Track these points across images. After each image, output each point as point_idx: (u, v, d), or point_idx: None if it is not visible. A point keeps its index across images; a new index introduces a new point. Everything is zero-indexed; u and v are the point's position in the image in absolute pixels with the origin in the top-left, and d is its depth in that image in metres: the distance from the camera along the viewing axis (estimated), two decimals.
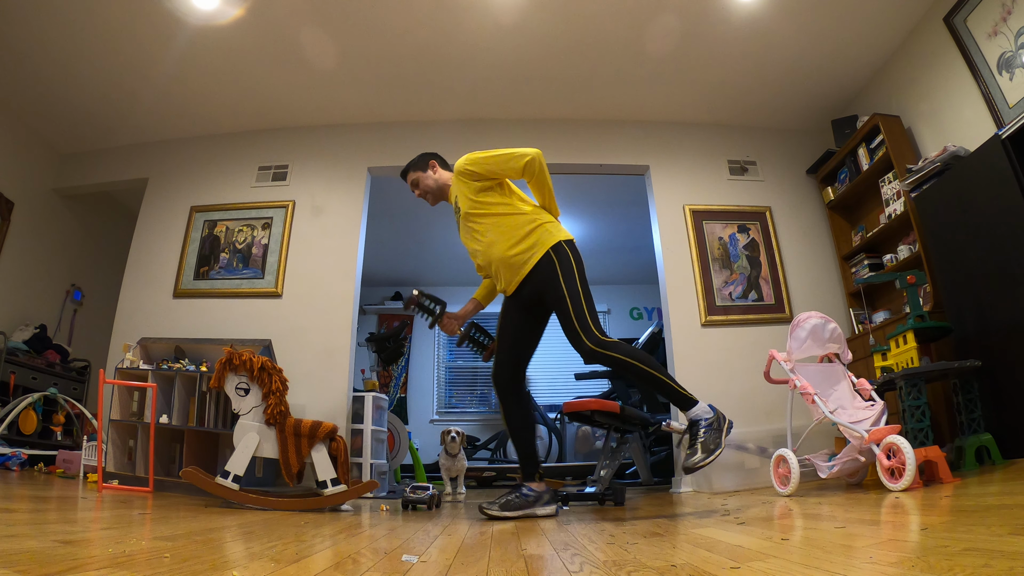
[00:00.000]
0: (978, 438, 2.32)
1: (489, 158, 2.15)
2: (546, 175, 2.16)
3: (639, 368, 1.95)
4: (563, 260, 2.10)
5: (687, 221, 4.03)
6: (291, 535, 1.50)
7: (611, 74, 3.88)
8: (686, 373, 3.69)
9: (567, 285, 2.05)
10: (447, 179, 2.38)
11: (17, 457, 3.31)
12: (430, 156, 2.43)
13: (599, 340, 1.99)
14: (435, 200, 2.43)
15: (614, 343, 2.00)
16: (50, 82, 3.84)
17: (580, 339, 2.00)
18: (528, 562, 1.09)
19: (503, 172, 2.16)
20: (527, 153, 2.11)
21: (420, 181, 2.40)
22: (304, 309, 3.81)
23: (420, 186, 2.39)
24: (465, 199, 2.22)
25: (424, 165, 2.40)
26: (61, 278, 4.63)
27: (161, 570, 0.91)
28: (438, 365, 7.07)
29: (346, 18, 3.37)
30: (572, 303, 2.03)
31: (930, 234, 3.00)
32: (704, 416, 1.92)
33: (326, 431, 2.55)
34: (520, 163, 2.11)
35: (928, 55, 3.37)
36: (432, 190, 2.39)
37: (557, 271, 2.08)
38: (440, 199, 2.42)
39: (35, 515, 1.61)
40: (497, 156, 2.14)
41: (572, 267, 2.09)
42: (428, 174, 2.40)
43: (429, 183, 2.39)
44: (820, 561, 0.89)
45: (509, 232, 2.15)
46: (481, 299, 2.50)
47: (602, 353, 1.98)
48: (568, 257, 2.11)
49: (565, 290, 2.05)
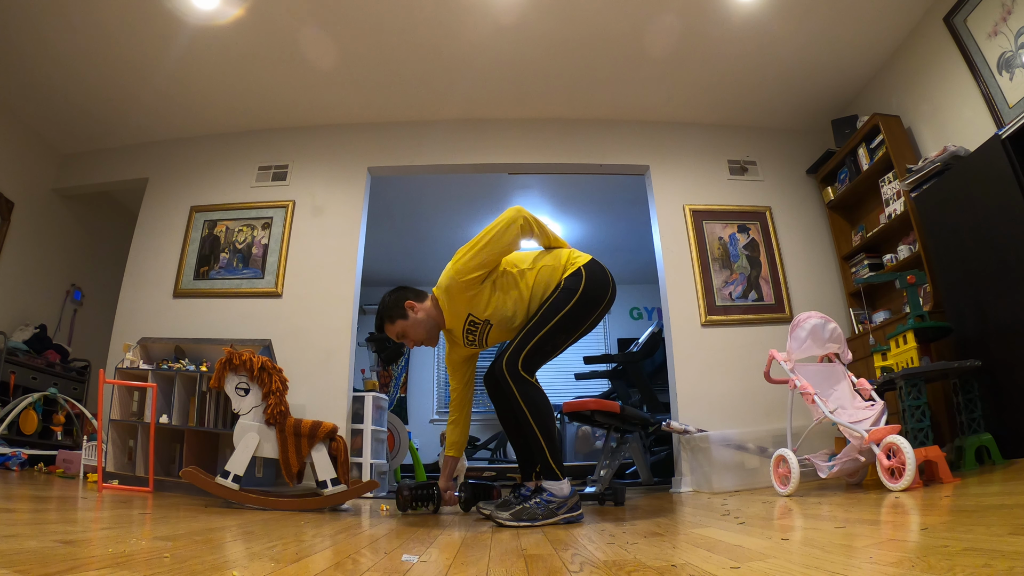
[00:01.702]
0: (978, 438, 2.32)
1: (478, 250, 1.90)
2: (539, 223, 2.00)
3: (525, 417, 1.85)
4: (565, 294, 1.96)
5: (687, 221, 4.03)
6: (291, 535, 1.50)
7: (611, 74, 3.88)
8: (686, 373, 3.69)
9: (547, 307, 1.95)
10: (434, 311, 2.04)
11: (17, 457, 3.31)
12: (400, 298, 2.05)
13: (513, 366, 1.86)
14: (434, 341, 2.11)
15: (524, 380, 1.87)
16: (50, 82, 3.84)
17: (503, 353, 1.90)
18: (528, 562, 1.09)
19: (508, 246, 1.93)
20: (509, 218, 1.92)
21: (408, 332, 2.04)
22: (304, 309, 3.81)
23: (411, 337, 2.05)
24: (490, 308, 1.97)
25: (401, 312, 2.03)
26: (61, 278, 4.63)
27: (161, 570, 0.91)
28: (438, 365, 7.07)
29: (346, 18, 3.38)
30: (531, 324, 1.92)
31: (930, 234, 3.00)
32: (552, 494, 1.81)
33: (326, 431, 2.55)
34: (516, 230, 1.91)
35: (928, 55, 3.37)
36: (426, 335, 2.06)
37: (551, 296, 1.97)
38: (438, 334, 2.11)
39: (35, 515, 1.61)
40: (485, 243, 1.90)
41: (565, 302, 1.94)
42: (413, 319, 2.03)
43: (419, 330, 2.04)
44: (820, 561, 0.89)
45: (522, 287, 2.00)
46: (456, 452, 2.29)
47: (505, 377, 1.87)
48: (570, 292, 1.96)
49: (541, 309, 1.95)
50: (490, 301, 1.96)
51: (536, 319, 1.94)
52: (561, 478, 1.86)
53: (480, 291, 1.94)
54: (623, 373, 5.05)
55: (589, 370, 5.43)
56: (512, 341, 1.94)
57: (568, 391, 6.32)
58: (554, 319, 1.94)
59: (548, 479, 1.86)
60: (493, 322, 2.00)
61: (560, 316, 1.94)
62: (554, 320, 1.94)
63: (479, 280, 1.92)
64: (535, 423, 1.86)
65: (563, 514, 1.82)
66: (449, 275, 1.93)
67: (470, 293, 1.93)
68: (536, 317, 1.95)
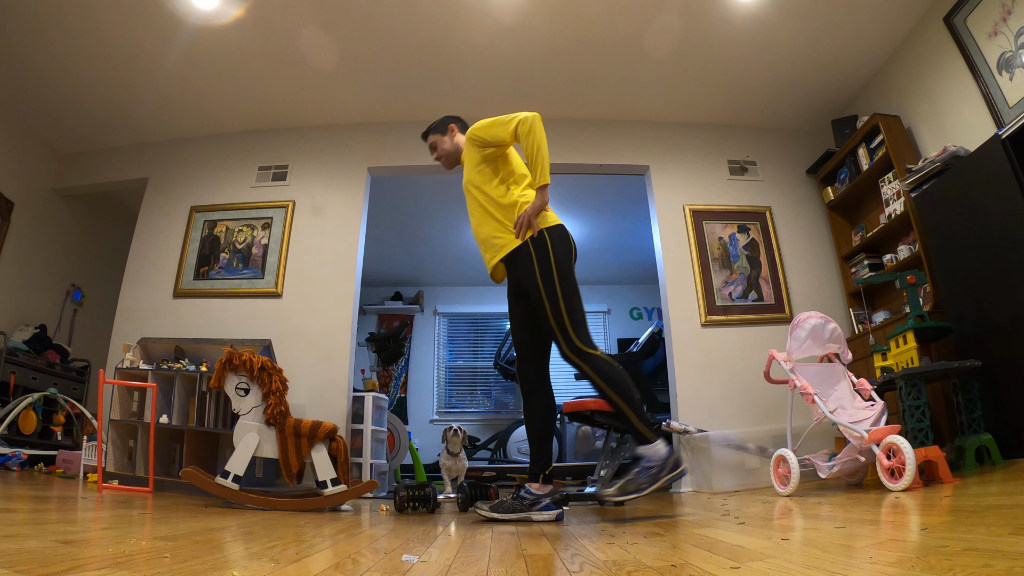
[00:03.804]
0: (978, 438, 2.32)
1: (490, 123, 2.13)
2: (537, 138, 2.03)
3: (603, 390, 1.93)
4: (541, 253, 2.01)
5: (687, 221, 4.04)
6: (291, 535, 1.50)
7: (611, 74, 3.88)
8: (686, 373, 3.69)
9: (544, 283, 1.98)
10: (463, 143, 2.34)
11: (17, 457, 3.31)
12: (450, 120, 2.40)
13: (574, 346, 1.94)
14: (451, 165, 2.40)
15: (590, 355, 1.93)
16: (50, 82, 3.84)
17: (557, 342, 1.97)
18: (528, 562, 1.09)
19: (501, 137, 2.10)
20: (519, 115, 2.07)
21: (438, 144, 2.38)
22: (304, 309, 3.81)
23: (438, 149, 2.38)
24: (470, 167, 2.21)
25: (444, 128, 2.38)
26: (61, 278, 4.63)
27: (161, 570, 0.91)
28: (438, 365, 7.07)
29: (346, 18, 3.38)
30: (549, 304, 1.97)
31: (930, 234, 3.00)
32: (650, 459, 1.87)
33: (326, 431, 2.55)
34: (512, 125, 2.07)
35: (928, 55, 3.37)
36: (448, 153, 2.37)
37: (534, 266, 2.00)
38: (455, 163, 2.39)
39: (35, 515, 1.61)
40: (496, 120, 2.12)
41: (550, 262, 1.99)
42: (446, 138, 2.37)
43: (446, 146, 2.36)
44: (820, 561, 0.89)
45: (495, 213, 2.11)
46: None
47: (573, 361, 1.94)
48: (546, 248, 2.01)
49: (542, 289, 1.98)
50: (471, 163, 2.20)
51: (547, 298, 1.98)
52: (654, 439, 1.91)
53: (473, 154, 2.19)
54: None
55: None
56: (552, 331, 1.98)
57: (568, 391, 6.33)
58: (558, 283, 1.99)
59: (642, 444, 1.91)
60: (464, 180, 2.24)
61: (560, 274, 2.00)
62: (559, 283, 1.99)
63: (477, 145, 2.17)
64: (613, 394, 1.92)
65: (666, 476, 1.88)
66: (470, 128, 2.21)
67: (469, 149, 2.21)
68: (544, 296, 1.99)
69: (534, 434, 2.10)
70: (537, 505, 1.98)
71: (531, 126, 2.04)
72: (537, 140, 2.03)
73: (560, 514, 1.98)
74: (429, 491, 2.42)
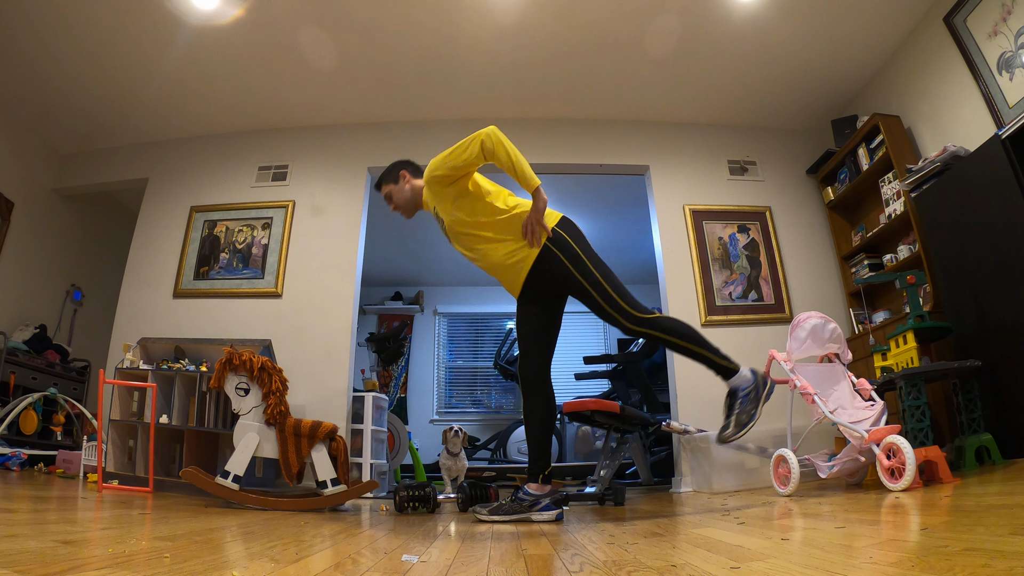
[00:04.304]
0: (978, 438, 2.32)
1: (449, 155, 2.02)
2: (507, 147, 1.96)
3: (676, 344, 1.97)
4: (564, 247, 2.00)
5: (687, 221, 4.03)
6: (291, 535, 1.50)
7: (611, 74, 3.88)
8: (686, 373, 3.69)
9: (583, 275, 1.98)
10: (419, 189, 2.25)
11: (17, 457, 3.31)
12: (401, 166, 2.29)
13: (635, 318, 1.95)
14: (411, 213, 2.30)
15: (652, 320, 1.96)
16: (50, 82, 3.84)
17: (617, 322, 1.97)
18: (528, 562, 1.09)
19: (468, 161, 1.99)
20: (478, 135, 1.97)
21: (393, 195, 2.27)
22: (304, 309, 3.81)
23: (393, 200, 2.27)
24: (446, 212, 2.11)
25: (395, 176, 2.26)
26: (61, 278, 4.63)
27: (161, 570, 0.91)
28: (438, 365, 7.07)
29: (346, 18, 3.38)
30: (596, 292, 1.97)
31: (930, 234, 3.00)
32: (743, 386, 1.93)
33: (326, 431, 2.55)
34: (475, 146, 1.96)
35: (928, 55, 3.37)
36: (404, 205, 2.26)
37: (565, 264, 1.99)
38: (415, 211, 2.30)
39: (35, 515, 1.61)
40: (455, 149, 2.01)
41: (576, 251, 2.00)
42: (400, 187, 2.26)
43: (403, 195, 2.25)
44: (820, 561, 0.89)
45: (498, 235, 2.05)
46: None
47: (640, 332, 1.96)
48: (567, 242, 2.01)
49: (584, 281, 1.98)
50: (447, 204, 2.11)
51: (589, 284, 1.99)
52: (738, 368, 1.95)
53: (444, 193, 2.09)
54: (623, 373, 5.05)
55: (589, 370, 5.42)
56: (608, 314, 1.99)
57: (568, 391, 6.32)
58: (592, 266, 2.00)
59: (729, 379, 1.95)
60: (445, 222, 2.15)
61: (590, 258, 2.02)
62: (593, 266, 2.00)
63: (444, 183, 2.06)
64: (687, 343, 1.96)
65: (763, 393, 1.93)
66: (427, 171, 2.10)
67: (436, 190, 2.10)
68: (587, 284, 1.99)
69: (533, 434, 2.09)
70: (537, 506, 1.98)
71: (497, 138, 1.96)
72: (507, 149, 1.96)
73: (560, 514, 1.98)
74: (429, 491, 2.42)
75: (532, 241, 2.01)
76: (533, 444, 2.09)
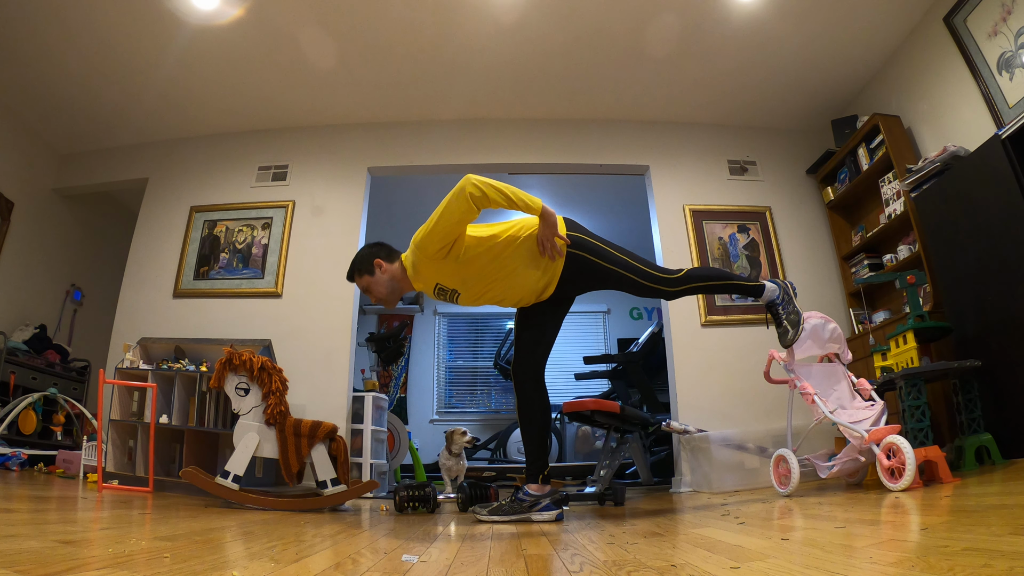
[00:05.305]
0: (978, 438, 2.32)
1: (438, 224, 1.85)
2: (495, 187, 1.82)
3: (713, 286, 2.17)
4: (585, 246, 2.01)
5: (687, 221, 4.03)
6: (291, 535, 1.50)
7: (611, 74, 3.88)
8: (686, 373, 3.69)
9: (610, 262, 2.01)
10: (400, 274, 2.04)
11: (17, 457, 3.31)
12: (372, 254, 2.08)
13: (673, 281, 2.05)
14: (395, 301, 2.11)
15: (683, 278, 2.06)
16: (50, 82, 3.84)
17: (661, 292, 2.06)
18: (528, 562, 1.09)
19: (459, 222, 1.84)
20: (459, 190, 1.81)
21: (371, 288, 2.06)
22: (304, 309, 3.81)
23: (373, 293, 2.07)
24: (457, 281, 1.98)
25: (370, 267, 2.05)
26: (61, 278, 4.63)
27: (161, 570, 0.91)
28: (438, 365, 7.07)
29: (346, 18, 3.37)
30: (629, 271, 2.01)
31: (930, 234, 3.00)
32: (774, 296, 2.14)
33: (326, 431, 2.55)
34: (463, 203, 1.80)
35: (928, 55, 3.37)
36: (387, 294, 2.06)
37: (590, 259, 2.00)
38: (400, 296, 2.11)
39: (35, 515, 1.61)
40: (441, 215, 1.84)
41: (596, 245, 2.03)
42: (378, 278, 2.04)
43: (382, 287, 2.05)
44: (820, 561, 0.89)
45: (520, 267, 1.97)
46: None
47: (682, 290, 2.09)
48: (584, 240, 2.02)
49: (613, 267, 2.01)
50: (457, 272, 1.96)
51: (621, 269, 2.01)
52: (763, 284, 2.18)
53: (446, 264, 1.93)
54: (623, 373, 5.05)
55: (589, 370, 5.42)
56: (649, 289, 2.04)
57: (568, 391, 6.32)
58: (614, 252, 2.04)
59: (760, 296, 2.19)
60: (460, 291, 2.02)
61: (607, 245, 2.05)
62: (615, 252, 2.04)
63: (443, 254, 1.90)
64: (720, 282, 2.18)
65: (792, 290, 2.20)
66: (413, 252, 1.96)
67: (436, 266, 1.95)
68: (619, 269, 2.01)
69: (530, 435, 2.09)
70: (537, 506, 1.97)
71: (480, 184, 1.81)
72: (496, 188, 1.83)
73: (560, 514, 1.98)
74: (429, 491, 2.42)
75: (553, 255, 1.97)
76: (530, 445, 2.08)
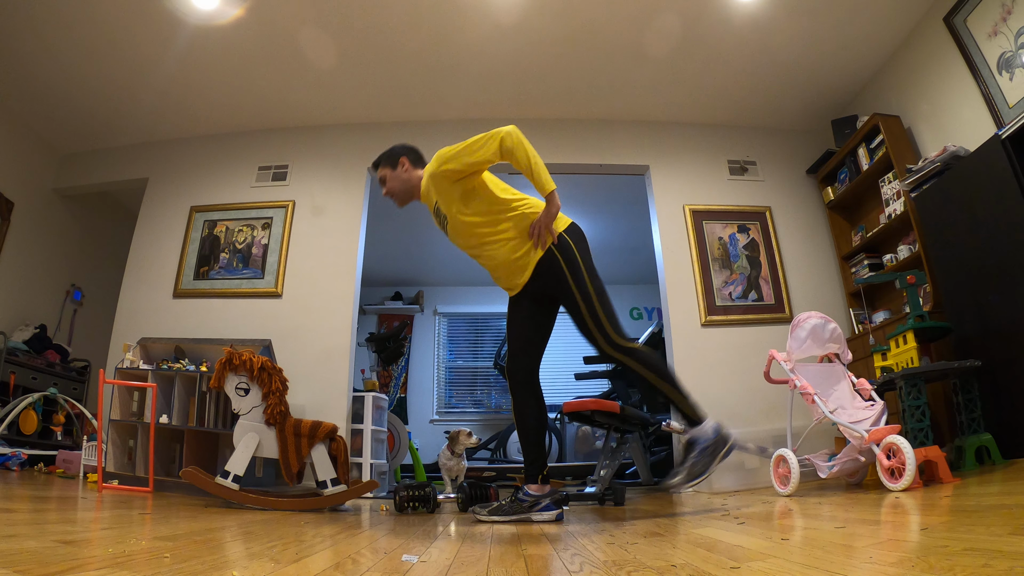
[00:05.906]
0: (978, 438, 2.32)
1: (463, 150, 1.94)
2: (527, 148, 1.91)
3: (649, 379, 1.93)
4: (567, 254, 1.97)
5: (687, 221, 4.03)
6: (291, 535, 1.50)
7: (611, 74, 3.88)
8: (686, 373, 3.68)
9: (577, 286, 1.94)
10: (417, 179, 2.14)
11: (17, 457, 3.31)
12: (402, 152, 2.17)
13: (614, 343, 1.92)
14: (404, 202, 2.19)
15: (631, 349, 1.92)
16: (50, 82, 3.84)
17: (595, 340, 1.95)
18: (528, 562, 1.09)
19: (482, 160, 1.93)
20: (497, 132, 1.90)
21: (388, 180, 2.16)
22: (304, 309, 3.81)
23: (386, 184, 2.16)
24: (450, 209, 2.03)
25: (394, 161, 2.15)
26: (61, 278, 4.63)
27: (161, 570, 0.91)
28: (438, 365, 7.07)
29: (346, 18, 3.37)
30: (585, 306, 1.93)
31: (930, 234, 3.00)
32: (703, 439, 1.89)
33: (326, 431, 2.55)
34: (495, 143, 1.89)
35: (928, 55, 3.37)
36: (399, 193, 2.16)
37: (563, 270, 1.96)
38: (409, 200, 2.19)
39: (35, 515, 1.61)
40: (470, 144, 1.93)
41: (578, 262, 1.96)
42: (397, 173, 2.15)
43: (396, 184, 2.15)
44: (820, 561, 0.89)
45: (504, 234, 2.01)
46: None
47: (615, 357, 1.93)
48: (571, 250, 1.98)
49: (576, 293, 1.94)
50: (453, 201, 2.03)
51: (581, 298, 1.95)
52: (703, 419, 1.93)
53: (451, 189, 2.01)
54: (623, 373, 5.05)
55: (589, 370, 5.42)
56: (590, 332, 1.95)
57: (568, 391, 6.32)
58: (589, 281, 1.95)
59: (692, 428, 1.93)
60: (450, 221, 2.07)
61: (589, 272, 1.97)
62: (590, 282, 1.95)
63: (453, 178, 1.99)
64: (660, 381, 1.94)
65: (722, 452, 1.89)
66: (433, 163, 2.02)
67: (443, 185, 2.02)
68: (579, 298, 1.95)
69: (527, 435, 2.07)
70: (537, 506, 1.97)
71: (517, 138, 1.91)
72: (527, 150, 1.91)
73: (560, 514, 1.98)
74: (429, 491, 2.42)
75: (537, 243, 1.98)
76: (527, 445, 2.07)
